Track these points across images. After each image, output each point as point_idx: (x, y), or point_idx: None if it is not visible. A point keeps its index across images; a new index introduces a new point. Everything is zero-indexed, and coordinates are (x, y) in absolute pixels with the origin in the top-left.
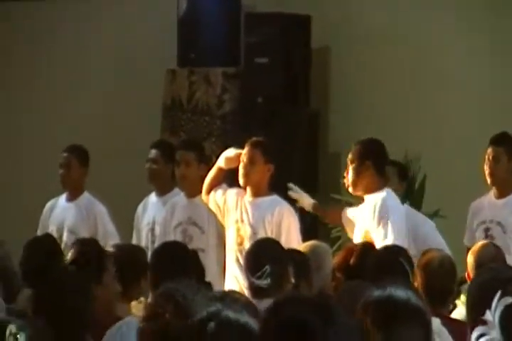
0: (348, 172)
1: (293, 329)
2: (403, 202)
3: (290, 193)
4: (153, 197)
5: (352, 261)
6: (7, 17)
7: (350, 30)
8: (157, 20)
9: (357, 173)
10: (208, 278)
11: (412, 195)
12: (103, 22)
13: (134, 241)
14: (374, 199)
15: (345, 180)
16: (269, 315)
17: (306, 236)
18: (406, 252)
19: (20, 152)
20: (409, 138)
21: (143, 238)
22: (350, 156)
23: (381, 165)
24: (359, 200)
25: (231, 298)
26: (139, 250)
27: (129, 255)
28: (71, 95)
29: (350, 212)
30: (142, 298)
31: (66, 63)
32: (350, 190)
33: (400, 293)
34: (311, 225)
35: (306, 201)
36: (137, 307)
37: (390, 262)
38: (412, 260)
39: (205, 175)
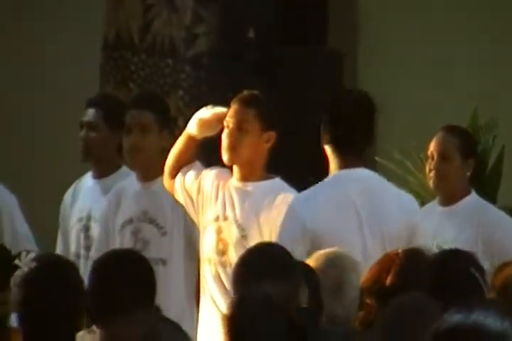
0: None
1: None
2: (469, 188)
3: None
4: (88, 181)
5: (390, 279)
6: None
7: None
8: None
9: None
10: (170, 304)
11: (482, 179)
12: None
13: (60, 247)
14: None
15: None
16: None
17: None
18: (477, 259)
19: None
20: (479, 91)
21: (72, 241)
22: None
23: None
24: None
25: None
26: (69, 265)
27: (58, 273)
28: None
29: None
30: (95, 327)
31: None
32: None
33: (491, 321)
34: None
35: None
36: (87, 339)
37: (455, 275)
38: (485, 274)
39: (169, 148)
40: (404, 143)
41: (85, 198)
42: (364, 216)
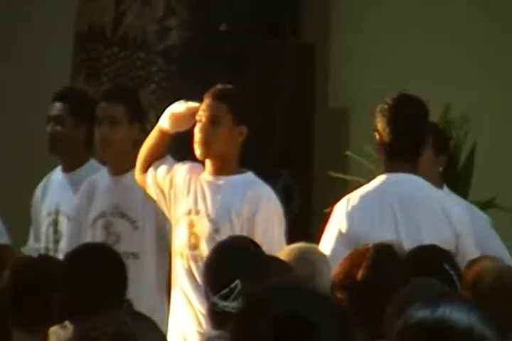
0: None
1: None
2: (441, 184)
3: None
4: (58, 174)
5: (360, 273)
6: None
7: None
8: None
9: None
10: (142, 297)
11: (454, 174)
12: None
13: (32, 241)
14: None
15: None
16: (251, 313)
17: (292, 234)
18: (452, 255)
19: None
20: (451, 86)
21: (42, 235)
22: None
23: None
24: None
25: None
26: (49, 259)
27: (34, 266)
28: None
29: None
30: (67, 323)
31: None
32: None
33: (457, 315)
34: (300, 216)
35: None
36: (58, 334)
37: (428, 271)
38: (460, 269)
39: (140, 142)
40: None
41: (54, 192)
42: (401, 221)
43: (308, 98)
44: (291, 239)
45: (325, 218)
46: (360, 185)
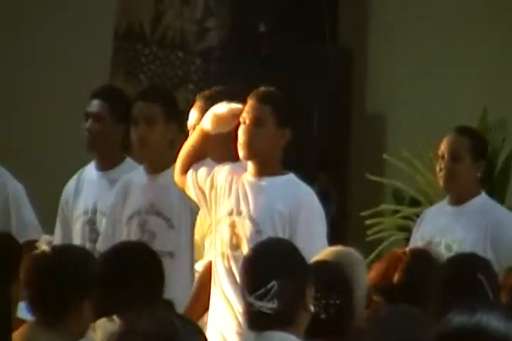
0: None
1: None
2: (479, 189)
3: None
4: (92, 172)
5: (397, 277)
6: None
7: None
8: None
9: None
10: (176, 298)
11: (492, 180)
12: None
13: (58, 236)
14: None
15: None
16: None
17: (328, 237)
18: (489, 265)
19: None
20: (489, 91)
21: (77, 234)
22: None
23: None
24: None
25: None
26: (84, 253)
27: (74, 260)
28: None
29: None
30: (115, 317)
31: None
32: None
33: (495, 323)
34: (336, 219)
35: None
36: (104, 327)
37: (461, 280)
38: (498, 278)
39: (177, 141)
40: (412, 141)
41: (90, 190)
42: None
43: (346, 102)
44: (327, 241)
45: (362, 221)
46: (399, 191)
